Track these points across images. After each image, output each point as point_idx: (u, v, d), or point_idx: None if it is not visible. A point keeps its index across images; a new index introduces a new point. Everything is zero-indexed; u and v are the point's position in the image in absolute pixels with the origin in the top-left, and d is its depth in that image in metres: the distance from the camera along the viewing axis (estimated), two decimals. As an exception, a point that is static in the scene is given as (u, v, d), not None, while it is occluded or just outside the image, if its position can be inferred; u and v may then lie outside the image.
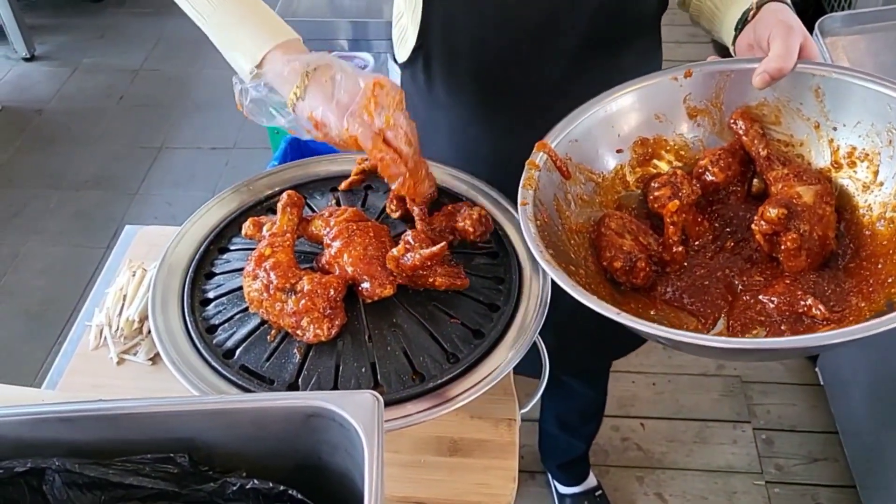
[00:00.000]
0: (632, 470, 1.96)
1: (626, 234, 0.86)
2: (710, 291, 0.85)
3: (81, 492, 0.67)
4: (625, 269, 0.84)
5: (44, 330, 2.30)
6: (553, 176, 0.89)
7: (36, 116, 3.16)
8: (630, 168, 0.95)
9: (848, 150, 0.86)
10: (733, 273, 0.86)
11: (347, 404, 0.64)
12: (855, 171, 0.86)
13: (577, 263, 0.84)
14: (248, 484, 0.67)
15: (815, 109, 0.88)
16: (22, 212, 2.70)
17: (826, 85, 0.86)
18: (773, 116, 0.91)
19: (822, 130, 0.88)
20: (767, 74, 0.86)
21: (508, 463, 0.84)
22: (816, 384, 2.06)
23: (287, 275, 0.83)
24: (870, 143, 0.85)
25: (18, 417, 0.65)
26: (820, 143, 0.89)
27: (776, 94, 0.90)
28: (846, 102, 0.86)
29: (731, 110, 0.93)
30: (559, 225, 0.87)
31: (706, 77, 0.93)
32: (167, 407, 0.67)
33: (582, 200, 0.91)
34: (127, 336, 0.98)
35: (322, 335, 0.81)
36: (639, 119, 0.94)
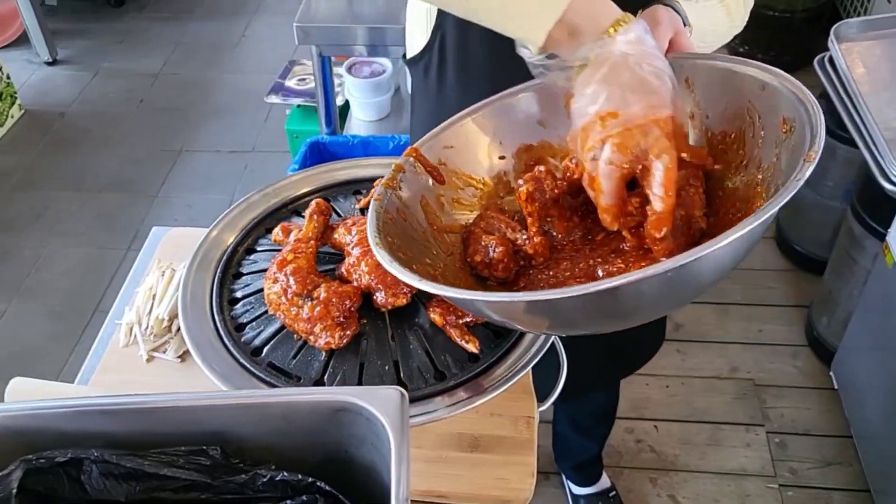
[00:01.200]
0: (645, 472, 1.97)
1: (494, 232, 0.86)
2: (570, 281, 0.82)
3: (117, 482, 0.70)
4: (484, 262, 0.84)
5: (66, 329, 2.34)
6: (423, 178, 0.89)
7: (58, 119, 3.21)
8: (515, 174, 0.93)
9: (720, 136, 0.85)
10: (597, 263, 0.83)
11: (374, 399, 0.66)
12: (727, 155, 0.84)
13: (435, 258, 0.85)
14: (278, 476, 0.69)
15: (688, 100, 0.86)
16: (44, 214, 2.75)
17: (693, 74, 0.85)
18: None
19: (696, 120, 0.87)
20: None
21: (527, 459, 0.86)
22: (830, 388, 2.06)
23: (305, 281, 0.86)
24: (736, 125, 0.83)
25: (60, 410, 0.68)
26: (698, 133, 0.87)
27: None
28: (712, 89, 0.84)
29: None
30: (423, 224, 0.87)
31: None
32: (201, 401, 0.70)
33: (460, 203, 0.91)
34: (156, 334, 1.01)
35: (333, 343, 0.83)
36: (521, 125, 0.92)
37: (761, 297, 2.37)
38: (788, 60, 3.08)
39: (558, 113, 0.90)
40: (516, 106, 0.92)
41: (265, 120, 3.14)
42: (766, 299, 2.37)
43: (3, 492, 0.65)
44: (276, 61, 2.95)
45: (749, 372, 2.17)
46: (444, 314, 0.85)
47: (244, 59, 3.54)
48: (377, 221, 0.82)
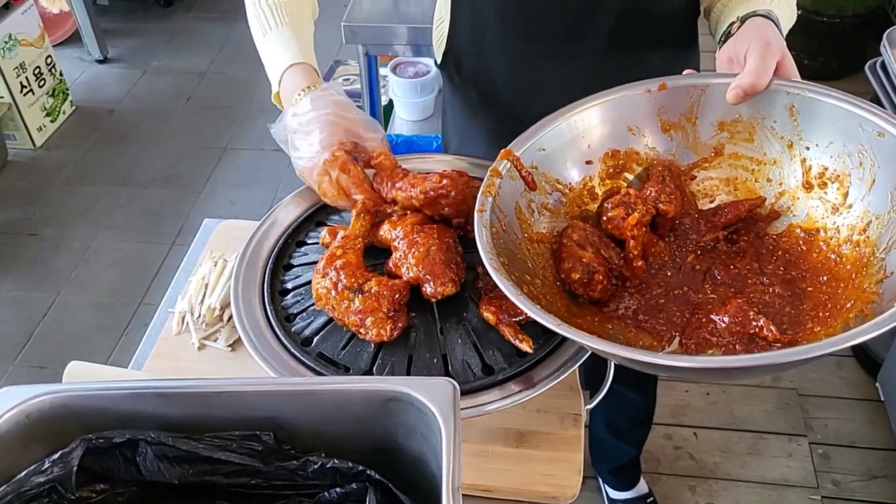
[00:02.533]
0: (684, 479, 1.95)
1: (588, 247, 0.85)
2: (666, 309, 0.83)
3: (171, 464, 0.71)
4: (582, 280, 0.82)
5: (112, 320, 2.38)
6: (517, 183, 0.88)
7: (108, 116, 3.28)
8: (599, 180, 0.93)
9: (820, 170, 0.84)
10: (690, 290, 0.84)
11: (426, 389, 0.67)
12: (825, 192, 0.84)
13: (533, 273, 0.83)
14: (329, 463, 0.70)
15: (788, 128, 0.86)
16: (93, 207, 2.81)
17: (800, 103, 0.84)
18: (746, 133, 0.89)
19: (794, 150, 0.86)
20: (741, 90, 0.84)
21: (574, 456, 0.86)
22: (877, 400, 2.02)
23: (356, 275, 0.87)
24: (841, 164, 0.82)
25: (119, 391, 0.70)
26: (792, 162, 0.87)
27: (750, 110, 0.88)
28: (820, 122, 0.83)
29: (704, 125, 0.91)
30: (518, 233, 0.86)
31: (680, 91, 0.90)
32: (255, 387, 0.71)
33: (547, 210, 0.90)
34: (208, 323, 1.03)
35: (384, 335, 0.84)
36: (610, 130, 0.92)
37: (806, 306, 2.33)
38: (836, 66, 3.04)
39: (650, 121, 0.92)
40: (608, 109, 0.92)
41: (308, 119, 3.17)
42: (810, 308, 2.32)
43: (65, 469, 0.67)
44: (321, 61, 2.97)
45: (792, 381, 2.13)
46: (498, 312, 0.84)
47: (289, 59, 3.57)
48: (487, 237, 0.80)
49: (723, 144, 0.91)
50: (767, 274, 0.84)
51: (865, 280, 0.77)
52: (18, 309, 2.44)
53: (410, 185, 0.94)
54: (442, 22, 1.16)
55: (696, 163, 0.93)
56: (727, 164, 0.91)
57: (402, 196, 0.94)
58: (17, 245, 2.66)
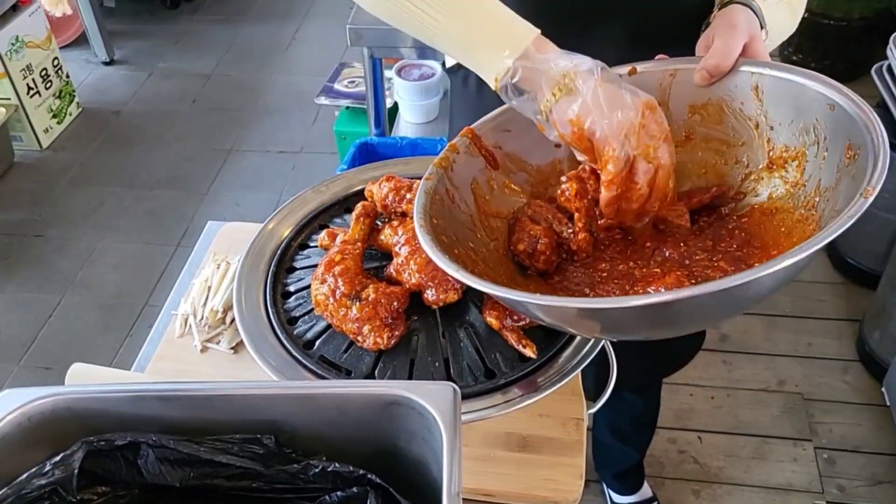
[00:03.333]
0: (688, 483, 1.94)
1: (542, 222, 0.86)
2: (608, 282, 0.83)
3: (173, 467, 0.71)
4: (527, 252, 0.84)
5: (116, 322, 2.39)
6: (476, 160, 0.89)
7: (114, 118, 3.30)
8: (569, 163, 0.91)
9: (782, 149, 0.84)
10: (636, 266, 0.84)
11: (427, 394, 0.67)
12: (786, 170, 0.84)
13: (479, 242, 0.85)
14: (330, 467, 0.70)
15: (755, 108, 0.86)
16: (99, 209, 2.82)
17: (763, 83, 0.84)
18: (716, 116, 0.89)
19: (761, 130, 0.86)
20: (706, 71, 0.85)
21: (576, 461, 0.86)
22: (882, 405, 2.01)
23: (353, 282, 0.86)
24: (800, 141, 0.82)
25: (121, 394, 0.70)
26: (759, 142, 0.87)
27: (719, 93, 0.88)
28: (782, 100, 0.83)
29: (677, 110, 0.91)
30: (470, 206, 0.87)
31: (651, 75, 0.90)
32: (256, 390, 0.71)
33: (509, 188, 0.91)
34: (211, 325, 1.03)
35: (381, 344, 0.84)
36: None
37: (811, 310, 2.32)
38: (843, 69, 3.03)
39: None
40: None
41: (314, 121, 3.18)
42: (815, 312, 2.32)
43: (66, 472, 0.67)
44: (326, 64, 2.99)
45: (797, 385, 2.13)
46: (501, 317, 0.84)
47: (294, 62, 3.59)
48: (425, 201, 0.82)
49: (694, 128, 0.91)
50: (718, 251, 0.84)
51: None
52: (24, 310, 2.44)
53: None
54: None
55: None
56: (699, 149, 0.91)
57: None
58: (22, 246, 2.68)
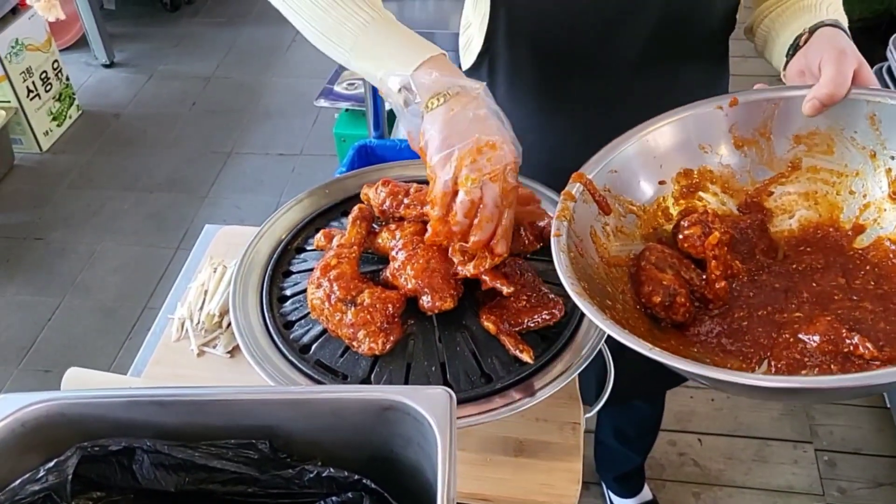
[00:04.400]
0: (688, 485, 1.94)
1: (667, 269, 0.83)
2: (750, 331, 0.80)
3: (167, 472, 0.71)
4: (664, 304, 0.80)
5: (116, 325, 2.39)
6: (590, 207, 0.85)
7: (114, 120, 3.30)
8: (673, 200, 0.91)
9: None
10: (774, 310, 0.82)
11: (422, 399, 0.66)
12: None
13: (613, 297, 0.81)
14: (325, 472, 0.70)
15: (870, 137, 0.83)
16: (99, 212, 2.82)
17: (881, 111, 0.82)
18: (825, 146, 0.87)
19: (878, 159, 0.84)
20: (818, 101, 0.82)
21: (573, 465, 0.86)
22: (883, 407, 2.01)
23: (349, 287, 0.86)
24: None
25: (115, 399, 0.70)
26: (876, 173, 0.84)
27: (828, 122, 0.85)
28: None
29: (780, 140, 0.89)
30: (594, 257, 0.83)
31: (752, 106, 0.89)
32: (251, 395, 0.71)
33: (621, 233, 0.88)
34: (207, 329, 1.03)
35: (376, 349, 0.83)
36: (682, 149, 0.90)
37: (812, 312, 2.32)
38: (844, 70, 3.02)
39: (722, 138, 0.90)
40: (679, 128, 0.90)
41: (313, 124, 3.18)
42: (816, 314, 2.31)
43: (60, 477, 0.67)
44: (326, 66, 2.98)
45: (798, 387, 2.12)
46: (498, 322, 0.84)
47: (294, 64, 3.59)
48: (567, 263, 0.78)
49: (800, 158, 0.89)
50: (856, 289, 0.81)
51: None
52: (24, 313, 2.44)
53: (419, 202, 0.93)
54: (469, 26, 1.15)
55: (773, 178, 0.90)
56: (805, 178, 0.89)
57: (414, 214, 0.93)
58: (22, 249, 2.68)
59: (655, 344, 0.70)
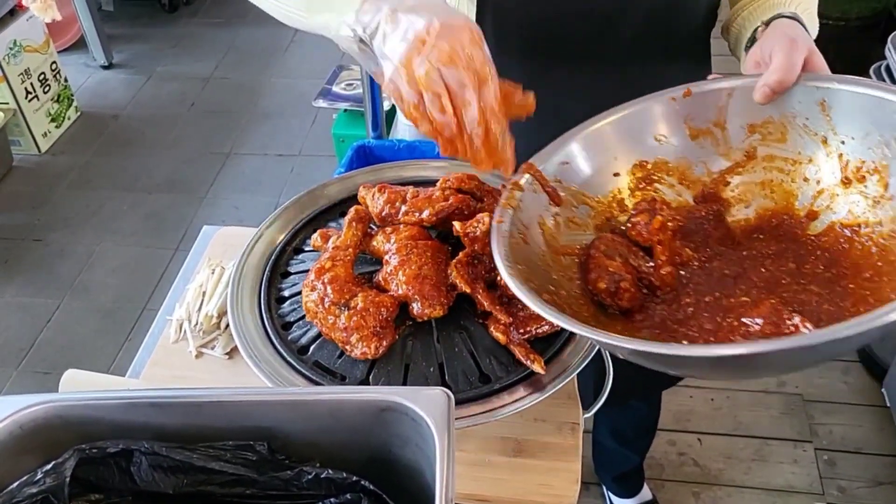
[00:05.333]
0: (688, 485, 1.94)
1: (616, 257, 0.83)
2: (696, 316, 0.80)
3: (166, 474, 0.71)
4: (609, 290, 0.80)
5: (116, 326, 2.39)
6: (540, 197, 0.85)
7: (112, 121, 3.29)
8: (629, 192, 0.90)
9: (857, 164, 0.82)
10: (722, 296, 0.81)
11: (420, 400, 0.66)
12: (865, 185, 0.81)
13: (558, 284, 0.81)
14: (323, 473, 0.69)
15: (821, 124, 0.83)
16: (98, 213, 2.82)
17: (831, 97, 0.82)
18: (778, 134, 0.87)
19: (830, 145, 0.83)
20: (768, 88, 0.83)
21: (572, 465, 0.86)
22: (883, 406, 2.01)
23: (343, 290, 0.85)
24: (879, 154, 0.80)
25: (113, 401, 0.70)
26: (829, 158, 0.84)
27: (781, 110, 0.85)
28: (853, 114, 0.81)
29: (735, 129, 0.89)
30: (542, 246, 0.84)
31: (706, 96, 0.88)
32: (249, 396, 0.70)
33: (573, 223, 0.88)
34: (205, 331, 1.03)
35: (369, 353, 0.83)
36: (636, 141, 0.90)
37: (811, 311, 2.32)
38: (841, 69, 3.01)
39: (677, 130, 0.90)
40: (633, 120, 0.90)
41: (312, 124, 3.18)
42: (815, 313, 2.31)
43: (58, 480, 0.67)
44: (325, 66, 2.99)
45: (797, 387, 2.12)
46: (507, 332, 0.83)
47: (293, 64, 3.59)
48: (504, 247, 0.78)
49: (755, 147, 0.89)
50: (805, 274, 0.81)
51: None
52: (23, 314, 2.44)
53: (417, 209, 0.93)
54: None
55: (729, 168, 0.90)
56: (761, 168, 0.89)
57: (413, 220, 0.93)
58: (21, 250, 2.67)
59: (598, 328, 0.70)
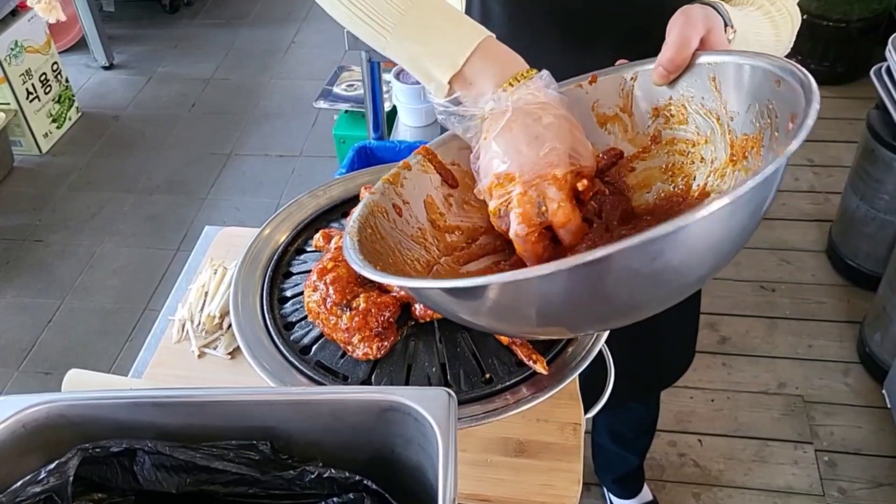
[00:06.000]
0: (688, 486, 1.94)
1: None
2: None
3: (169, 474, 0.71)
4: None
5: (116, 327, 2.39)
6: (432, 177, 0.87)
7: (113, 122, 3.30)
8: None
9: (742, 140, 0.79)
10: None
11: (423, 400, 0.66)
12: (746, 160, 0.78)
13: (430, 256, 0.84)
14: (325, 473, 0.70)
15: (715, 101, 0.81)
16: (99, 214, 2.82)
17: (720, 72, 0.79)
18: (680, 116, 0.84)
19: (722, 122, 0.81)
20: (661, 67, 0.80)
21: (573, 466, 0.86)
22: (883, 407, 2.01)
23: (345, 290, 0.85)
24: (756, 127, 0.77)
25: (116, 401, 0.70)
26: (722, 136, 0.81)
27: (680, 91, 0.83)
28: (737, 87, 0.79)
29: (640, 115, 0.87)
30: (423, 221, 0.86)
31: (612, 81, 0.87)
32: (252, 396, 0.71)
33: (469, 205, 0.88)
34: (208, 331, 1.03)
35: (371, 354, 0.83)
36: None
37: (811, 312, 2.32)
38: (842, 71, 3.03)
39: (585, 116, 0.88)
40: None
41: (313, 125, 3.18)
42: (816, 314, 2.32)
43: (61, 479, 0.67)
44: (325, 67, 3.00)
45: (798, 388, 2.12)
46: None
47: (294, 65, 3.59)
48: (363, 212, 0.82)
49: (660, 131, 0.87)
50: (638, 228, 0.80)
51: None
52: (24, 315, 2.44)
53: None
54: None
55: (635, 154, 0.88)
56: (664, 152, 0.87)
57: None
58: (22, 251, 2.68)
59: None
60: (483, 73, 0.76)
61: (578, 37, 1.03)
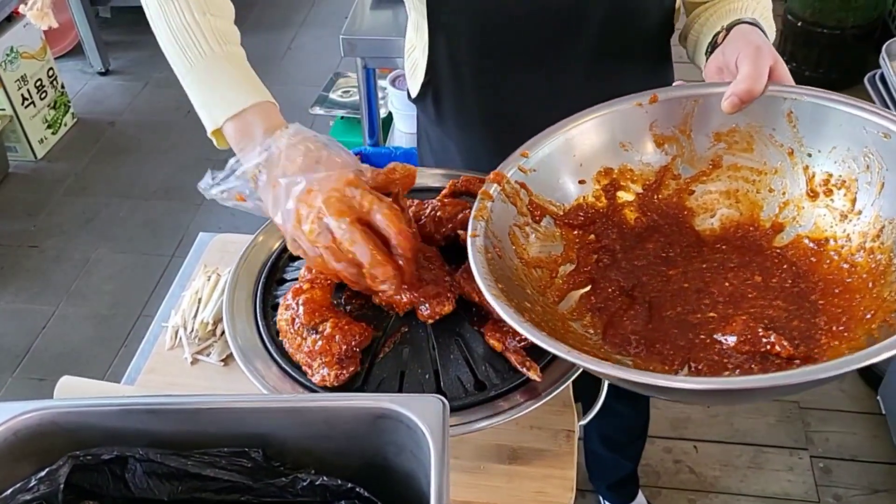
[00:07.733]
0: (684, 493, 1.94)
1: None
2: (667, 332, 0.79)
3: (160, 481, 0.71)
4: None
5: (111, 332, 2.39)
6: (509, 207, 0.84)
7: (109, 128, 3.29)
8: (594, 199, 0.90)
9: (824, 177, 0.81)
10: (686, 311, 0.81)
11: (415, 407, 0.66)
12: (832, 199, 0.81)
13: (532, 300, 0.80)
14: (318, 480, 0.69)
15: (788, 135, 0.83)
16: (94, 219, 2.82)
17: (798, 108, 0.81)
18: (744, 143, 0.86)
19: (796, 157, 0.83)
20: (736, 97, 0.82)
21: (567, 472, 0.86)
22: (878, 413, 2.01)
23: (314, 314, 0.85)
24: (846, 168, 0.79)
25: (108, 408, 0.70)
26: (794, 170, 0.84)
27: (747, 119, 0.85)
28: (820, 127, 0.81)
29: (700, 137, 0.88)
30: (514, 258, 0.82)
31: (672, 103, 0.88)
32: (244, 403, 0.71)
33: (539, 234, 0.87)
34: (201, 338, 1.03)
35: (328, 380, 0.81)
36: (601, 147, 0.89)
37: (806, 318, 2.32)
38: (836, 78, 3.04)
39: (642, 136, 0.89)
40: (598, 126, 0.89)
41: (309, 131, 3.18)
42: (811, 320, 2.32)
43: (52, 486, 0.67)
44: (321, 74, 3.00)
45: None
46: (503, 339, 0.83)
47: (290, 71, 3.59)
48: (484, 265, 0.76)
49: (720, 156, 0.88)
50: (772, 288, 0.81)
51: (885, 289, 0.73)
52: (18, 321, 2.44)
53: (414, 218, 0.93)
54: (414, 49, 1.15)
55: (694, 176, 0.90)
56: (726, 176, 0.89)
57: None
58: (17, 257, 2.67)
59: (579, 348, 0.69)
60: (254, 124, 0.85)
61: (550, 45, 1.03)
